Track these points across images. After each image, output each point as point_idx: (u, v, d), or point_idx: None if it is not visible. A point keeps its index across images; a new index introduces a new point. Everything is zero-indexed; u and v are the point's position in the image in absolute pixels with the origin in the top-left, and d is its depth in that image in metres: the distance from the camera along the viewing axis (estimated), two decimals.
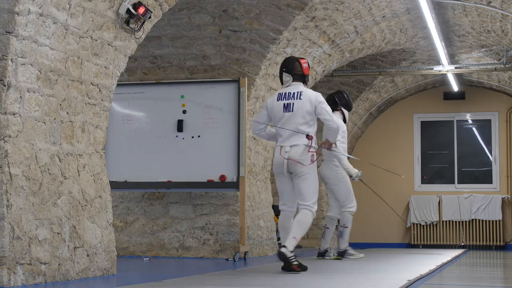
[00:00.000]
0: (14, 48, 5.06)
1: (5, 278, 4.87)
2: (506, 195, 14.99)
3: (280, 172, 6.67)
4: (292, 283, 5.63)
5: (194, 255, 9.26)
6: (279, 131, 6.68)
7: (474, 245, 15.00)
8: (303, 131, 6.56)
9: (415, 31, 11.18)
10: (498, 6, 9.53)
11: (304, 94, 6.63)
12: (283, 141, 6.63)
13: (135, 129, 9.18)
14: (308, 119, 6.59)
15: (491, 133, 15.46)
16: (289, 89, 6.72)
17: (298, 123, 6.57)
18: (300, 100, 6.60)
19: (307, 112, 6.59)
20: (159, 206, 9.55)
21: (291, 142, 6.57)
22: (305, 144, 6.54)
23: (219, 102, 8.94)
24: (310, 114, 6.61)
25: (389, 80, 14.25)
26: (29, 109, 5.29)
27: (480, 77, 14.72)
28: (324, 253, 8.94)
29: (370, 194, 15.48)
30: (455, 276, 7.30)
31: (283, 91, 6.74)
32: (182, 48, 9.39)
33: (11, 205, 4.99)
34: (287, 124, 6.61)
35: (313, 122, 6.67)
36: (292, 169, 6.59)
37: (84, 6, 5.64)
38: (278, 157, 6.65)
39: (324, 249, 8.95)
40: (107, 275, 6.13)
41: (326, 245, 8.94)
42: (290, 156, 6.53)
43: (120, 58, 6.41)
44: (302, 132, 6.56)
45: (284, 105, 6.65)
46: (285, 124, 6.62)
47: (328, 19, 9.57)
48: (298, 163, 6.52)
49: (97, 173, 6.20)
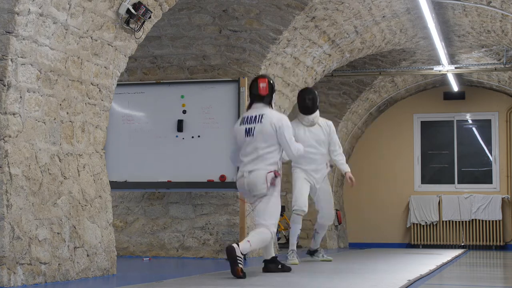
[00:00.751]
0: (14, 48, 5.06)
1: (5, 278, 4.87)
2: (506, 195, 14.99)
3: (245, 194, 6.53)
4: (292, 283, 5.63)
5: (194, 255, 9.26)
6: (241, 157, 6.46)
7: (474, 245, 15.00)
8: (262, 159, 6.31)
9: (415, 31, 11.18)
10: (498, 6, 9.53)
11: (265, 116, 6.35)
12: (244, 166, 6.40)
13: (135, 129, 9.18)
14: (270, 143, 6.34)
15: (491, 133, 15.46)
16: (251, 113, 6.48)
17: (259, 148, 6.32)
18: (261, 124, 6.33)
19: (268, 135, 6.33)
20: (159, 206, 9.55)
21: (250, 168, 6.33)
22: (266, 169, 6.28)
23: (219, 102, 8.95)
24: (272, 137, 6.35)
25: (389, 80, 14.26)
26: (29, 109, 5.29)
27: (480, 77, 14.72)
28: (314, 252, 8.81)
29: (370, 194, 15.52)
30: (455, 276, 7.30)
31: (246, 115, 6.53)
32: (182, 48, 9.39)
33: (11, 205, 4.99)
34: (247, 149, 6.38)
35: (276, 145, 6.38)
36: (252, 192, 6.35)
37: (84, 6, 5.64)
38: (239, 182, 6.44)
39: (314, 249, 8.81)
40: (107, 275, 6.13)
41: (317, 246, 8.79)
42: (248, 181, 6.30)
43: (120, 58, 6.41)
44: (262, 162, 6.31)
45: (246, 130, 6.40)
46: (246, 149, 6.39)
47: (328, 19, 9.57)
48: (257, 184, 6.27)
49: (97, 173, 6.20)
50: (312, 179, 8.29)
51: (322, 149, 8.30)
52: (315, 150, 8.25)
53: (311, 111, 8.25)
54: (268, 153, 6.33)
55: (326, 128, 8.34)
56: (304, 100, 8.25)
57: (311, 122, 8.28)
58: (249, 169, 6.32)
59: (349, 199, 15.43)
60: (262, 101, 6.46)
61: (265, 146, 6.33)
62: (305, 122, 8.28)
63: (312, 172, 8.28)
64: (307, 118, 8.27)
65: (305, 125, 8.30)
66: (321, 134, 8.30)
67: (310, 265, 7.88)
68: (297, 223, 8.22)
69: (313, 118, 8.28)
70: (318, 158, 8.28)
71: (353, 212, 15.46)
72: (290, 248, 8.24)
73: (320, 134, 8.29)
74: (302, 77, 10.67)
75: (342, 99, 13.95)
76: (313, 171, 8.28)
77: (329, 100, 13.97)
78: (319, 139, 8.28)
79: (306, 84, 10.94)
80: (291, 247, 8.24)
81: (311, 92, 8.34)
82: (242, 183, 6.40)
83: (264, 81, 6.45)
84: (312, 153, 8.20)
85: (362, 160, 15.56)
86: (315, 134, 8.27)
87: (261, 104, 6.46)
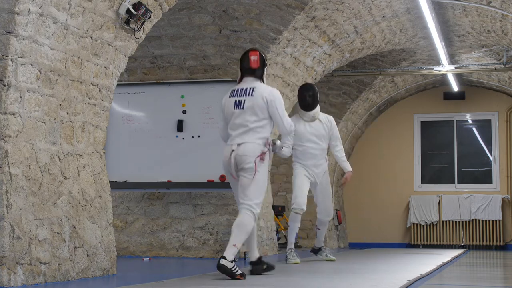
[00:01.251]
0: (14, 48, 5.06)
1: (5, 278, 4.87)
2: (506, 195, 14.99)
3: (228, 171, 6.21)
4: (292, 283, 5.63)
5: (194, 255, 9.26)
6: (229, 130, 6.24)
7: (474, 245, 15.00)
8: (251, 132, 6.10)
9: (415, 31, 11.18)
10: (498, 6, 9.53)
11: (256, 90, 6.15)
12: (232, 139, 6.15)
13: (135, 129, 9.18)
14: (261, 117, 6.12)
15: (491, 133, 15.45)
16: (241, 85, 6.26)
17: (248, 121, 6.10)
18: (252, 97, 6.13)
19: (259, 109, 6.12)
20: (159, 206, 9.55)
21: (239, 140, 6.09)
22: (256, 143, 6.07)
23: (219, 102, 8.93)
24: (263, 111, 6.13)
25: (389, 80, 14.25)
26: (29, 109, 5.29)
27: (480, 77, 14.72)
28: (318, 250, 8.83)
29: (370, 194, 15.52)
30: (455, 276, 7.30)
31: (236, 87, 6.30)
32: (182, 48, 9.39)
33: (11, 205, 4.99)
34: (236, 121, 6.15)
35: (268, 119, 6.18)
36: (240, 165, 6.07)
37: (84, 6, 5.64)
38: (225, 156, 6.16)
39: (318, 247, 8.83)
40: (107, 275, 6.13)
41: (320, 243, 8.82)
42: (237, 154, 6.03)
43: (120, 58, 6.41)
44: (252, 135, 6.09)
45: (235, 102, 6.18)
46: (235, 121, 6.16)
47: (328, 19, 9.57)
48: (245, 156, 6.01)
49: (97, 173, 6.20)
50: (313, 174, 8.30)
51: (322, 144, 8.33)
52: (316, 145, 8.28)
53: (311, 107, 8.28)
54: (258, 127, 6.12)
55: (327, 123, 8.37)
56: (305, 96, 8.27)
57: (311, 118, 8.31)
58: (238, 142, 6.09)
59: (349, 199, 15.43)
60: (253, 75, 6.25)
61: (255, 119, 6.13)
62: (306, 117, 8.30)
63: (312, 167, 8.29)
64: (307, 114, 8.29)
65: (305, 120, 8.32)
66: (321, 129, 8.32)
67: (310, 265, 7.88)
68: (296, 222, 8.23)
69: (314, 114, 8.31)
70: (318, 154, 8.30)
71: (353, 212, 15.45)
72: (289, 247, 8.25)
73: (320, 129, 8.31)
74: (302, 77, 10.67)
75: (342, 99, 13.94)
76: (314, 166, 8.29)
77: (329, 100, 13.96)
78: (319, 134, 8.30)
79: None
80: (289, 246, 8.26)
81: (311, 88, 8.34)
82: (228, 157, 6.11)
83: (255, 54, 6.24)
84: (312, 148, 8.25)
85: (362, 160, 15.56)
86: (315, 129, 8.29)
87: (252, 77, 6.26)
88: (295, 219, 8.21)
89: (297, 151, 8.29)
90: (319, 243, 8.80)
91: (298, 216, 8.21)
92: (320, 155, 8.33)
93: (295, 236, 8.33)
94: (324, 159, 8.41)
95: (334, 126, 8.41)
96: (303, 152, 8.24)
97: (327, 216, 8.56)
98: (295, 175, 8.33)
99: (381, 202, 15.53)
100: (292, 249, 8.22)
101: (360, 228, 15.54)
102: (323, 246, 8.84)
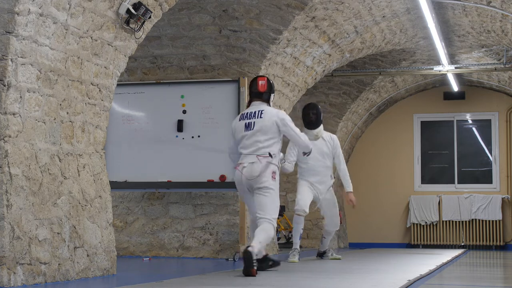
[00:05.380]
0: (14, 48, 5.06)
1: (5, 278, 4.87)
2: (506, 195, 14.99)
3: (241, 189, 6.67)
4: (292, 283, 5.63)
5: (194, 255, 9.26)
6: (240, 150, 6.67)
7: (474, 245, 15.00)
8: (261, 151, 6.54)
9: (415, 31, 11.18)
10: (498, 6, 9.53)
11: (265, 112, 6.65)
12: (244, 158, 6.61)
13: (135, 129, 9.18)
14: (270, 136, 6.59)
15: (491, 133, 15.45)
16: (250, 109, 6.76)
17: (259, 141, 6.57)
18: (261, 119, 6.61)
19: (268, 129, 6.59)
20: (159, 206, 9.55)
21: (250, 160, 6.55)
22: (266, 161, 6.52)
23: (219, 102, 8.95)
24: (272, 131, 6.60)
25: (389, 80, 14.26)
26: (29, 109, 5.29)
27: (480, 77, 14.72)
28: (323, 253, 9.08)
29: (370, 194, 15.52)
30: (455, 276, 7.30)
31: (246, 111, 6.81)
32: (182, 48, 9.39)
33: (11, 205, 4.99)
34: (247, 142, 6.61)
35: (277, 138, 6.65)
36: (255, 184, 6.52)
37: (84, 6, 5.64)
38: (237, 174, 6.62)
39: (322, 251, 9.09)
40: (107, 275, 6.13)
41: (325, 248, 9.07)
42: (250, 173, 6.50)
43: (120, 58, 6.41)
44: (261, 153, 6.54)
45: (246, 124, 6.66)
46: (246, 142, 6.62)
47: (328, 19, 9.57)
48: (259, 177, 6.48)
49: (97, 173, 6.20)
50: (317, 189, 8.67)
51: (326, 161, 8.71)
52: (319, 163, 8.66)
53: (315, 125, 8.69)
54: (268, 146, 6.57)
55: (330, 142, 8.76)
56: (308, 115, 8.68)
57: (315, 136, 8.67)
58: (250, 161, 6.54)
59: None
60: (260, 98, 6.76)
61: (265, 139, 6.58)
62: (310, 136, 8.55)
63: (316, 183, 8.68)
64: (311, 132, 8.66)
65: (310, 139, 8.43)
66: (324, 147, 8.69)
67: (310, 265, 7.88)
68: (299, 223, 8.52)
69: (317, 132, 8.71)
70: (322, 170, 8.69)
71: (353, 212, 15.45)
72: (294, 247, 8.53)
73: (323, 147, 8.69)
74: (302, 77, 10.67)
75: (342, 99, 13.94)
76: (317, 182, 8.68)
77: (329, 100, 13.97)
78: (322, 152, 8.67)
79: (306, 84, 10.95)
80: (294, 246, 8.55)
81: (314, 107, 8.75)
82: (239, 178, 6.58)
83: (263, 79, 6.78)
84: (316, 165, 8.65)
85: (362, 160, 15.57)
86: (319, 148, 8.63)
87: (259, 101, 6.75)
88: (298, 221, 8.52)
89: (302, 168, 8.71)
90: (323, 248, 9.10)
91: (301, 218, 8.51)
92: (324, 172, 8.70)
93: (299, 237, 8.59)
94: (330, 177, 8.77)
95: (337, 145, 8.79)
96: (308, 169, 8.66)
97: (334, 228, 8.92)
98: (298, 185, 8.72)
99: (381, 202, 15.53)
100: (296, 249, 8.49)
101: (360, 228, 15.54)
102: (328, 248, 9.11)
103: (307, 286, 5.36)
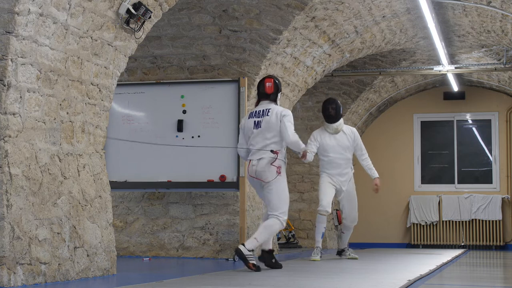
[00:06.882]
0: (14, 48, 5.06)
1: (5, 278, 4.87)
2: (506, 195, 14.99)
3: (253, 184, 7.19)
4: (292, 283, 5.64)
5: (194, 255, 9.26)
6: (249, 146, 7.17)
7: (474, 245, 15.00)
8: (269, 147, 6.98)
9: (415, 31, 11.18)
10: (498, 6, 9.53)
11: (272, 110, 7.12)
12: (252, 155, 7.11)
13: (135, 129, 9.18)
14: (276, 133, 7.03)
15: (491, 133, 15.45)
16: (258, 108, 7.23)
17: (266, 138, 7.04)
18: (268, 117, 7.08)
19: (274, 126, 7.04)
20: (159, 206, 9.55)
21: (258, 156, 7.04)
22: (271, 157, 6.96)
23: (219, 102, 8.95)
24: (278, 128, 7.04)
25: (389, 80, 14.25)
26: (29, 109, 5.29)
27: (480, 77, 14.72)
28: (341, 251, 9.30)
29: (370, 194, 15.51)
30: (455, 276, 7.31)
31: (254, 109, 7.26)
32: (182, 48, 9.39)
33: (11, 205, 4.99)
34: (256, 139, 7.09)
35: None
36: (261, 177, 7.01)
37: (84, 6, 5.64)
38: (249, 170, 7.14)
39: (342, 248, 9.31)
40: (107, 275, 6.13)
41: (344, 245, 9.27)
42: (257, 169, 6.98)
43: (120, 58, 6.41)
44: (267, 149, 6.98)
45: (254, 122, 7.13)
46: (255, 139, 7.10)
47: (328, 19, 9.57)
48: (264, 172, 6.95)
49: (97, 173, 6.20)
50: (338, 182, 8.88)
51: (347, 154, 8.96)
52: (340, 156, 8.90)
53: (335, 119, 8.92)
54: (274, 142, 7.01)
55: (351, 135, 9.00)
56: (328, 109, 8.91)
57: (335, 130, 8.93)
58: (258, 157, 7.02)
59: None
60: (268, 98, 7.25)
61: (272, 136, 7.03)
62: (330, 130, 8.92)
63: (337, 176, 8.89)
64: (331, 126, 8.92)
65: (330, 132, 8.94)
66: (345, 141, 8.95)
67: (310, 265, 7.89)
68: (321, 223, 8.80)
69: (337, 126, 8.94)
70: (343, 163, 8.91)
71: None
72: (316, 245, 8.83)
73: (344, 141, 8.94)
74: (302, 77, 10.67)
75: (342, 99, 13.94)
76: (339, 175, 8.90)
77: None
78: (343, 145, 8.91)
79: (306, 84, 10.96)
80: (316, 244, 8.85)
81: (334, 102, 8.99)
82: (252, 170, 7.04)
83: (270, 81, 7.26)
84: (337, 158, 8.88)
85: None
86: (340, 141, 8.91)
87: (267, 101, 7.24)
88: (320, 220, 8.79)
89: (323, 161, 8.93)
90: (343, 245, 9.30)
91: (324, 217, 8.78)
92: (345, 164, 8.92)
93: (321, 236, 8.85)
94: (350, 168, 9.00)
95: (357, 137, 9.05)
96: (329, 162, 8.87)
97: (352, 222, 9.16)
98: (320, 183, 8.92)
99: (381, 202, 15.52)
100: (318, 248, 8.79)
101: (360, 228, 15.52)
102: (346, 247, 9.30)
103: (307, 286, 5.36)
